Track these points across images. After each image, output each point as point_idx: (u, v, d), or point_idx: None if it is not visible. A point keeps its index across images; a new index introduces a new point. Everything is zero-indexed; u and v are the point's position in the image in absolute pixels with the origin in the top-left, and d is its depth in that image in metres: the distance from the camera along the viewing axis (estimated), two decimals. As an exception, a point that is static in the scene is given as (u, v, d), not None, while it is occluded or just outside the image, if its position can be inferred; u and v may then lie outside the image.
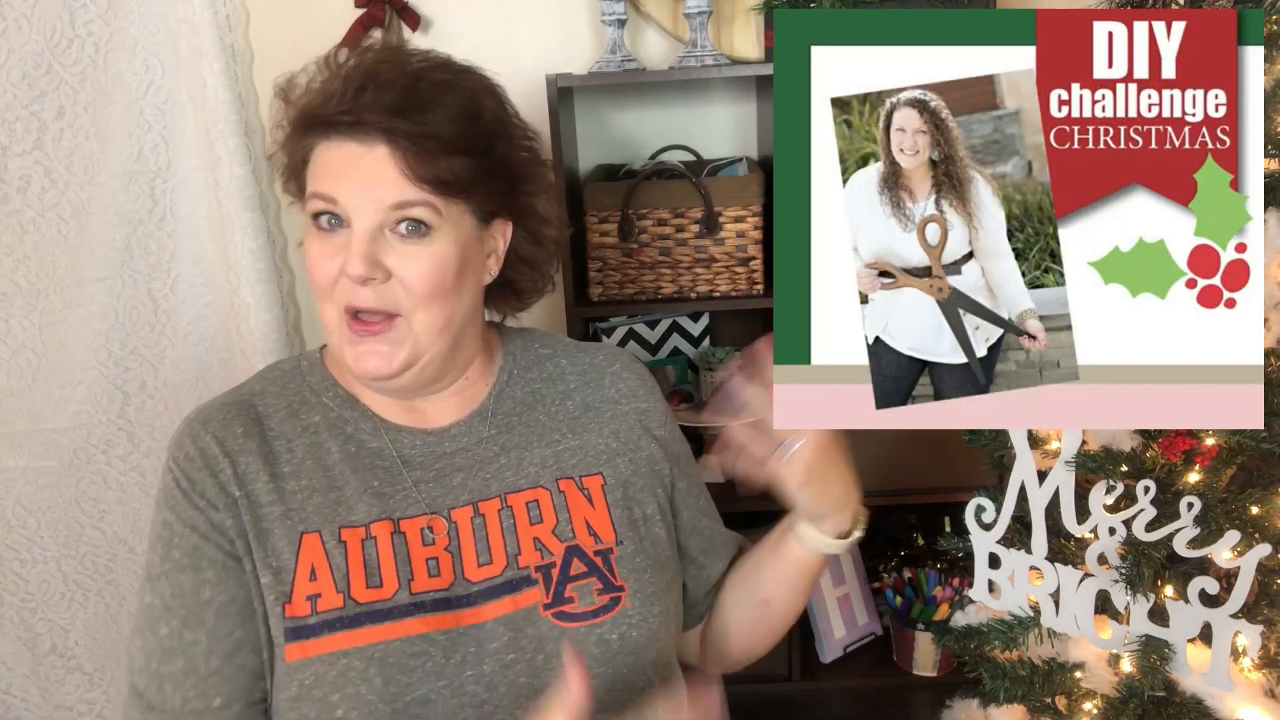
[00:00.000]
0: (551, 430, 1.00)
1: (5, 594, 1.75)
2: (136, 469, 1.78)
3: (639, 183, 1.55)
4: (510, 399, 1.00)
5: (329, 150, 0.86)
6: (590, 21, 1.71)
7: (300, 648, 0.86)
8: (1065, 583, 1.12)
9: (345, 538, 0.89)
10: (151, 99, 1.63)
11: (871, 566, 1.89)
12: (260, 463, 0.91)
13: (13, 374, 1.65)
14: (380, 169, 0.84)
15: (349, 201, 0.85)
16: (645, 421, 1.03)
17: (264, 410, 0.95)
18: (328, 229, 0.87)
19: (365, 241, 0.84)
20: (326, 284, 0.88)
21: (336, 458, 0.93)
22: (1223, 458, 1.10)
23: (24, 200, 1.59)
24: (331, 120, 0.85)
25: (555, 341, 1.08)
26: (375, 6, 1.63)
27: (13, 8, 1.50)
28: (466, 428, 0.97)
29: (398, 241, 0.86)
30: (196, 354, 1.77)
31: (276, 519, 0.89)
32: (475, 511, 0.93)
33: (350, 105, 0.84)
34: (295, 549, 0.88)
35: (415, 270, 0.86)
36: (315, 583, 0.87)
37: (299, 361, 1.01)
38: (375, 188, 0.84)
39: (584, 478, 0.98)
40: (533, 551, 0.92)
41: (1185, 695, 1.11)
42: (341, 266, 0.85)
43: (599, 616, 0.90)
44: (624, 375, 1.05)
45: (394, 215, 0.85)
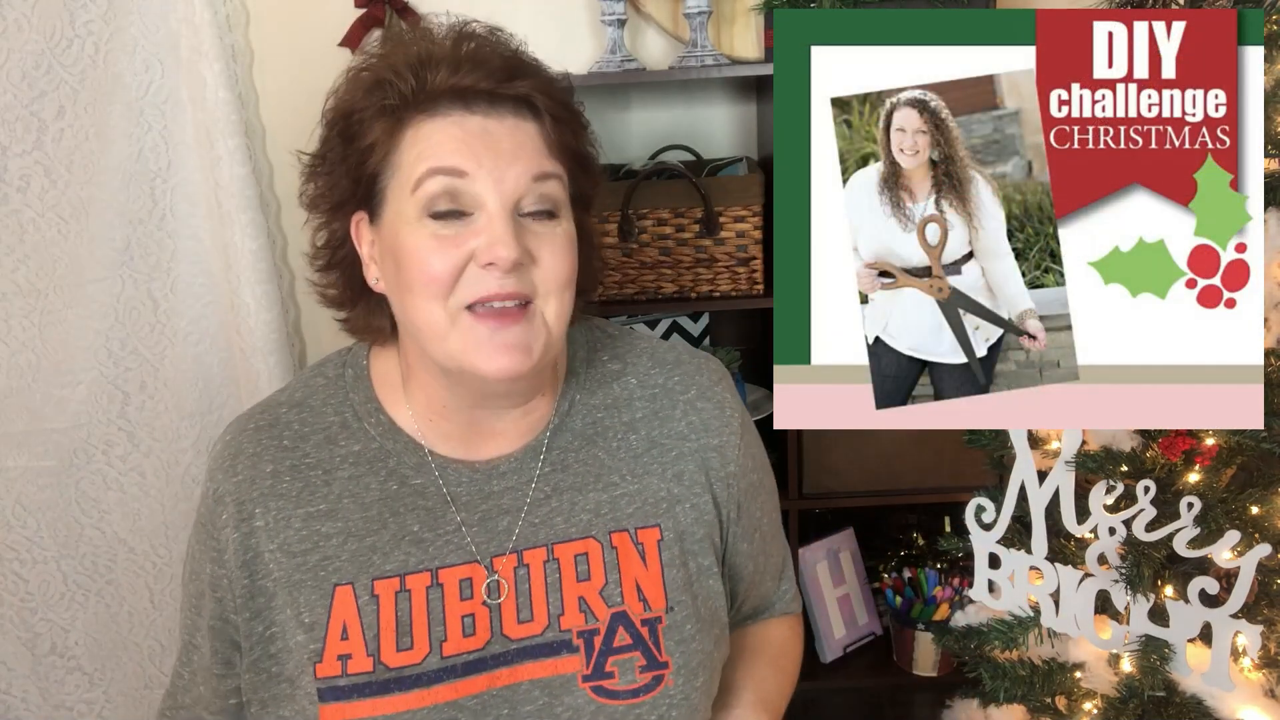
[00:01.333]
0: (610, 471, 0.90)
1: (5, 594, 1.75)
2: (136, 469, 1.77)
3: (639, 183, 1.55)
4: (569, 431, 0.90)
5: (442, 126, 0.77)
6: (590, 21, 1.71)
7: (338, 709, 0.83)
8: (1065, 583, 1.12)
9: (379, 590, 0.84)
10: (151, 99, 1.63)
11: (871, 566, 1.89)
12: (293, 505, 0.85)
13: (13, 374, 1.65)
14: (518, 136, 0.77)
15: (488, 174, 0.75)
16: (710, 462, 0.92)
17: (301, 429, 0.88)
18: (444, 219, 0.76)
19: (509, 221, 0.75)
20: (446, 279, 0.76)
21: (375, 496, 0.86)
22: (1223, 458, 1.10)
23: (24, 200, 1.59)
24: (461, 89, 0.75)
25: (629, 350, 0.95)
26: (375, 6, 1.63)
27: (13, 8, 1.50)
28: (518, 464, 0.88)
29: (530, 223, 0.78)
30: (196, 354, 1.77)
31: (310, 569, 0.85)
32: (519, 561, 0.86)
33: (471, 73, 0.75)
34: (328, 604, 0.84)
35: (554, 255, 0.78)
36: (346, 642, 0.83)
37: (343, 370, 0.92)
38: (516, 159, 0.76)
39: (640, 530, 0.89)
40: (577, 614, 0.86)
41: (1185, 695, 1.11)
42: (470, 255, 0.76)
43: (639, 696, 0.85)
44: (698, 405, 0.92)
45: (534, 191, 0.77)
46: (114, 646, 1.83)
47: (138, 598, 1.81)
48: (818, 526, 1.86)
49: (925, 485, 1.69)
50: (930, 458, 1.67)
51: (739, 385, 1.73)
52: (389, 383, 0.90)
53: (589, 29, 1.71)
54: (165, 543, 1.80)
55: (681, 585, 0.89)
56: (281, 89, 1.71)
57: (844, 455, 1.68)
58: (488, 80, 0.76)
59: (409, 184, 0.78)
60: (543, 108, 0.78)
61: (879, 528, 1.92)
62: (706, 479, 0.92)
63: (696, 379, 0.94)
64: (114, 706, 1.86)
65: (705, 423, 0.92)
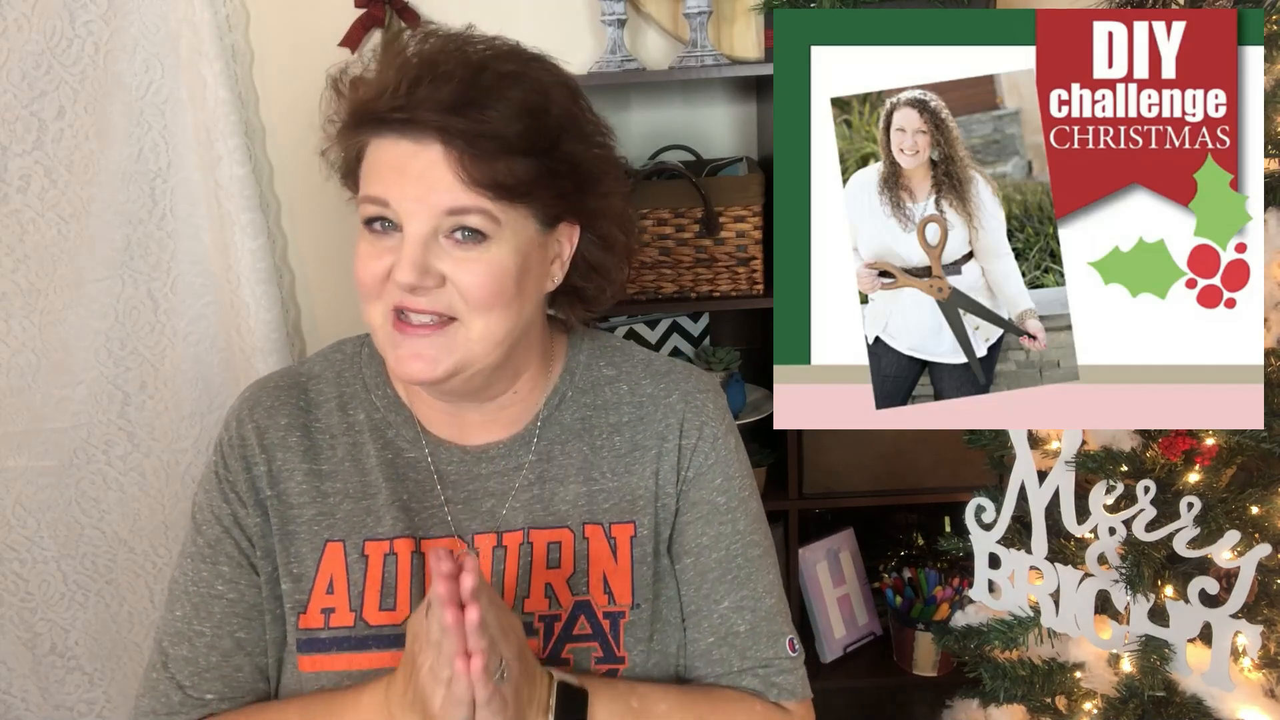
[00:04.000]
0: (593, 467, 0.93)
1: (5, 594, 1.75)
2: (136, 469, 1.77)
3: (639, 183, 1.55)
4: (558, 424, 0.94)
5: (381, 149, 0.81)
6: (590, 21, 1.71)
7: (313, 660, 0.87)
8: (1065, 583, 1.12)
9: (368, 551, 0.88)
10: (151, 99, 1.63)
11: (871, 566, 1.89)
12: (298, 458, 0.90)
13: (13, 374, 1.65)
14: (434, 172, 0.78)
15: (401, 205, 0.79)
16: (682, 461, 0.94)
17: (315, 397, 0.93)
18: (380, 232, 0.81)
19: (417, 248, 0.79)
20: (373, 284, 0.82)
21: (374, 462, 0.91)
22: (1223, 458, 1.10)
23: (24, 200, 1.59)
24: (384, 117, 0.79)
25: (625, 361, 0.98)
26: (375, 6, 1.63)
27: (13, 8, 1.50)
28: (506, 450, 0.92)
29: (452, 247, 0.80)
30: (196, 354, 1.77)
31: (305, 521, 0.89)
32: (498, 541, 0.90)
33: (404, 100, 0.78)
34: (318, 556, 0.88)
35: (471, 278, 0.80)
36: (332, 596, 0.88)
37: (361, 347, 0.97)
38: (429, 192, 0.78)
39: (614, 525, 0.91)
40: (541, 599, 0.89)
41: (1185, 695, 1.11)
42: (390, 268, 0.80)
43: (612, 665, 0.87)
44: (677, 407, 0.94)
45: (448, 222, 0.79)
46: (114, 646, 1.83)
47: (138, 598, 1.81)
48: (818, 526, 1.86)
49: (925, 485, 1.69)
50: (930, 458, 1.67)
51: (739, 385, 1.73)
52: None
53: (589, 29, 1.71)
54: (165, 543, 1.80)
55: (649, 583, 0.91)
56: (281, 89, 1.71)
57: (844, 455, 1.68)
58: (425, 109, 0.77)
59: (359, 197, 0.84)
60: (462, 139, 0.78)
61: (879, 528, 1.92)
62: (677, 477, 0.94)
63: (682, 385, 0.96)
64: (114, 706, 1.86)
65: (680, 423, 0.94)
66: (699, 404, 0.95)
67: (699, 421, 0.94)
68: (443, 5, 1.67)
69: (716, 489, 0.94)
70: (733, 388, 1.70)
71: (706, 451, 0.94)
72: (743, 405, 1.72)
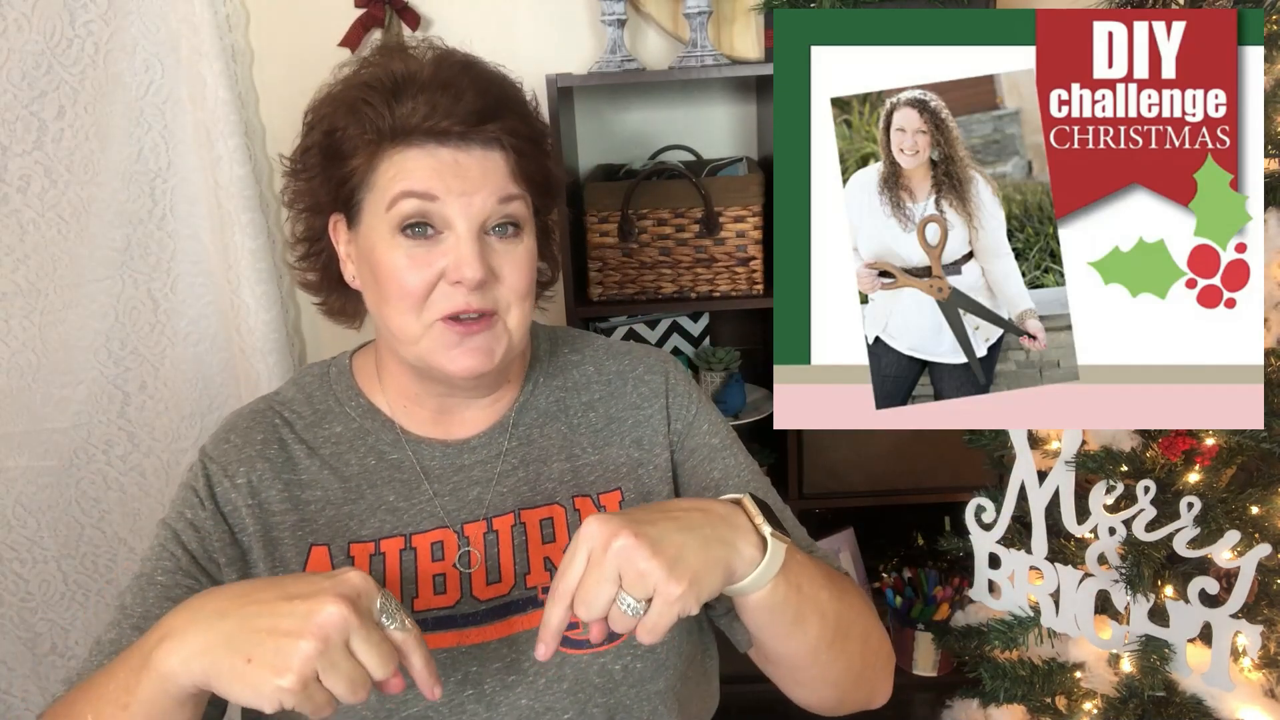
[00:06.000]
0: (572, 444, 0.97)
1: (5, 594, 1.75)
2: (136, 469, 1.78)
3: (639, 183, 1.55)
4: (534, 409, 0.98)
5: (409, 159, 0.83)
6: (590, 21, 1.71)
7: None
8: (1065, 583, 1.12)
9: (354, 553, 0.89)
10: (151, 99, 1.63)
11: (871, 566, 1.89)
12: (277, 469, 0.91)
13: (13, 374, 1.65)
14: (486, 166, 0.84)
15: (449, 201, 0.82)
16: (664, 421, 0.99)
17: (289, 417, 0.95)
18: (421, 239, 0.83)
19: (474, 243, 0.83)
20: (419, 294, 0.84)
21: (355, 469, 0.93)
22: (1223, 458, 1.10)
23: (24, 200, 1.59)
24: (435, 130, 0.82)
25: (586, 345, 1.05)
26: (375, 6, 1.63)
27: (13, 8, 1.50)
28: (487, 439, 0.95)
29: (495, 242, 0.85)
30: (196, 354, 1.77)
31: (288, 528, 0.89)
32: (489, 527, 0.92)
33: (455, 120, 0.82)
34: (304, 560, 0.89)
35: (515, 270, 0.86)
36: None
37: (329, 368, 1.00)
38: (482, 185, 0.83)
39: (602, 495, 0.95)
40: (542, 572, 0.91)
41: (1185, 695, 1.11)
42: (441, 273, 0.83)
43: (603, 645, 0.87)
44: (646, 378, 1.01)
45: (499, 210, 0.84)
46: (114, 646, 1.83)
47: (138, 598, 1.82)
48: (818, 526, 1.86)
49: (925, 485, 1.69)
50: (930, 458, 1.67)
51: (739, 385, 1.73)
52: (367, 374, 0.98)
53: (589, 29, 1.71)
54: (165, 543, 1.80)
55: None
56: (281, 89, 1.71)
57: (844, 455, 1.68)
58: (460, 125, 0.82)
59: (384, 202, 0.84)
60: (508, 145, 0.85)
61: (879, 528, 1.92)
62: (666, 439, 0.98)
63: (645, 359, 1.03)
64: (114, 706, 1.86)
65: (654, 389, 1.00)
66: (664, 370, 1.02)
67: (668, 385, 1.00)
68: (442, 5, 1.68)
69: (707, 433, 1.00)
70: (733, 388, 1.70)
71: (686, 406, 1.00)
72: (743, 405, 1.72)
